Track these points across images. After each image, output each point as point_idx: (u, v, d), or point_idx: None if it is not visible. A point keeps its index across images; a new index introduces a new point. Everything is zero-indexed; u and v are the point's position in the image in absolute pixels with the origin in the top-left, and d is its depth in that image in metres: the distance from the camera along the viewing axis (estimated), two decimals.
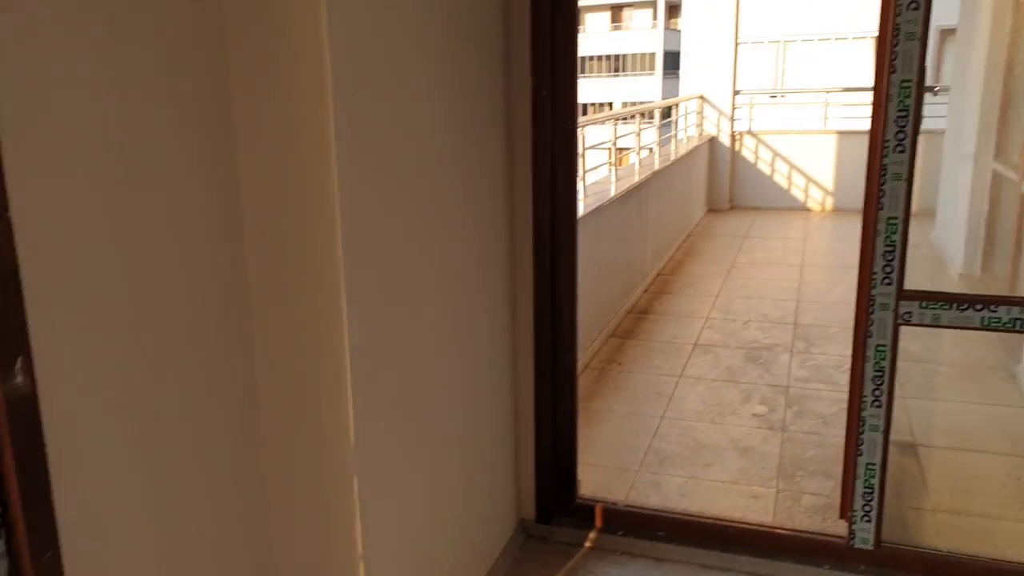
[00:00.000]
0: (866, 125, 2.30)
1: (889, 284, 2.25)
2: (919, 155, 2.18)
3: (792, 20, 18.72)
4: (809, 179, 8.64)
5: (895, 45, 2.11)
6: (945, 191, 6.63)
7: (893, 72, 2.12)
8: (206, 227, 1.41)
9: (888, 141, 2.18)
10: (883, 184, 2.20)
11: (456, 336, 2.13)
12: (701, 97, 8.74)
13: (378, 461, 1.69)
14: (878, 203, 2.22)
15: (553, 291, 2.58)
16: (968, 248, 5.03)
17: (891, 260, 2.24)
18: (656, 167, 6.27)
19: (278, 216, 1.49)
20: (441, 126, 1.94)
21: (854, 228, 7.73)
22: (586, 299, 4.53)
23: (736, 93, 8.74)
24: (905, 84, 2.12)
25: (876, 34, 2.21)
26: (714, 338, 4.74)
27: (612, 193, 5.07)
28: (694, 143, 8.16)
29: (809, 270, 6.21)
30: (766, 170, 8.82)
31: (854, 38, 18.79)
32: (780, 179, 8.78)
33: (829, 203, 8.61)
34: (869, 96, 2.24)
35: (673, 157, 6.95)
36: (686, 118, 8.28)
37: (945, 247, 6.05)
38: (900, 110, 2.14)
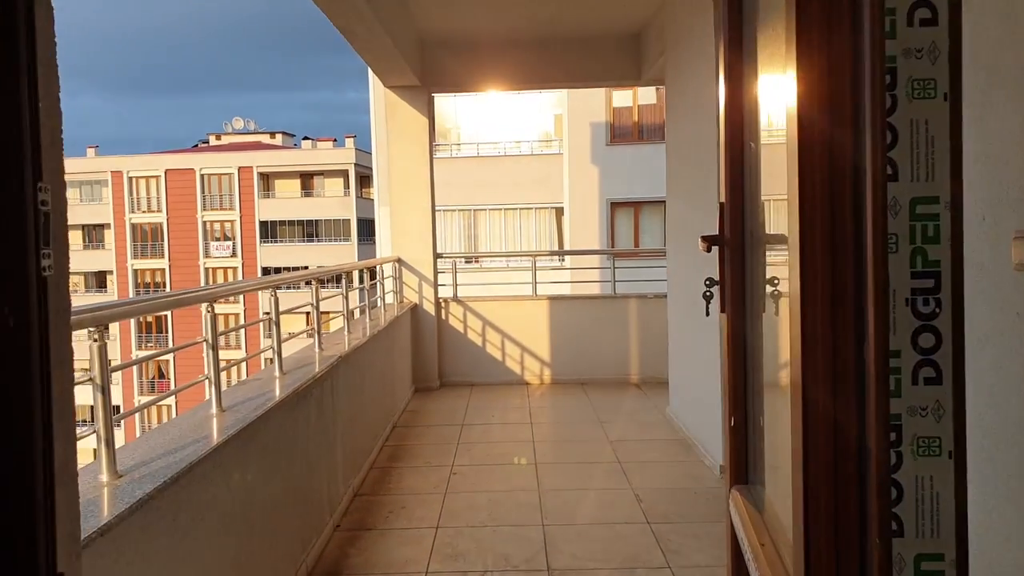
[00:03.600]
0: (574, 289, 1.04)
1: None
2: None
3: (478, 192, 19.22)
4: (524, 349, 7.72)
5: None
6: (677, 360, 5.98)
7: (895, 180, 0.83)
8: None
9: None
10: None
11: None
12: (398, 260, 7.54)
13: None
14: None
15: None
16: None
17: None
18: (346, 347, 4.71)
19: None
20: None
21: (579, 404, 6.50)
22: None
23: (438, 256, 7.70)
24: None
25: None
26: None
27: (277, 395, 3.36)
28: (394, 312, 6.81)
29: (546, 471, 4.93)
30: (477, 340, 7.74)
31: (537, 208, 19.78)
32: (493, 350, 7.74)
33: (547, 375, 7.72)
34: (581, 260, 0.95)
35: (369, 333, 5.47)
36: (382, 284, 6.94)
37: (689, 427, 5.27)
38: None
